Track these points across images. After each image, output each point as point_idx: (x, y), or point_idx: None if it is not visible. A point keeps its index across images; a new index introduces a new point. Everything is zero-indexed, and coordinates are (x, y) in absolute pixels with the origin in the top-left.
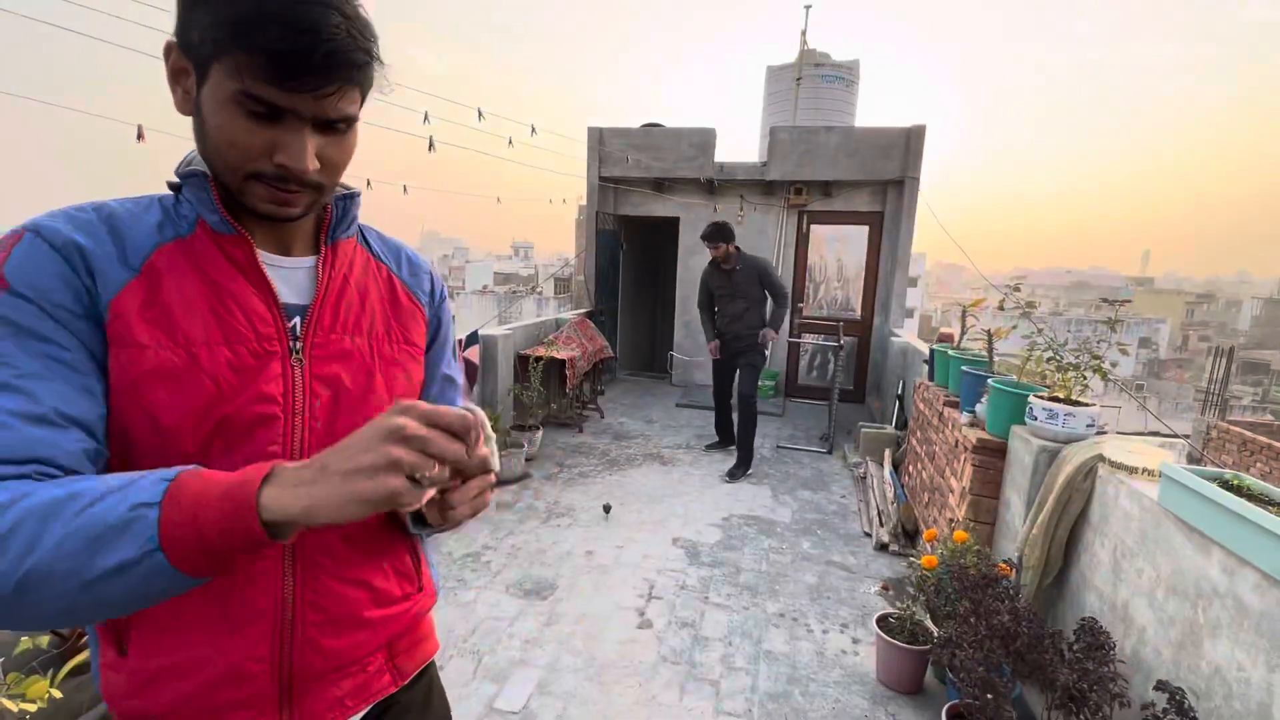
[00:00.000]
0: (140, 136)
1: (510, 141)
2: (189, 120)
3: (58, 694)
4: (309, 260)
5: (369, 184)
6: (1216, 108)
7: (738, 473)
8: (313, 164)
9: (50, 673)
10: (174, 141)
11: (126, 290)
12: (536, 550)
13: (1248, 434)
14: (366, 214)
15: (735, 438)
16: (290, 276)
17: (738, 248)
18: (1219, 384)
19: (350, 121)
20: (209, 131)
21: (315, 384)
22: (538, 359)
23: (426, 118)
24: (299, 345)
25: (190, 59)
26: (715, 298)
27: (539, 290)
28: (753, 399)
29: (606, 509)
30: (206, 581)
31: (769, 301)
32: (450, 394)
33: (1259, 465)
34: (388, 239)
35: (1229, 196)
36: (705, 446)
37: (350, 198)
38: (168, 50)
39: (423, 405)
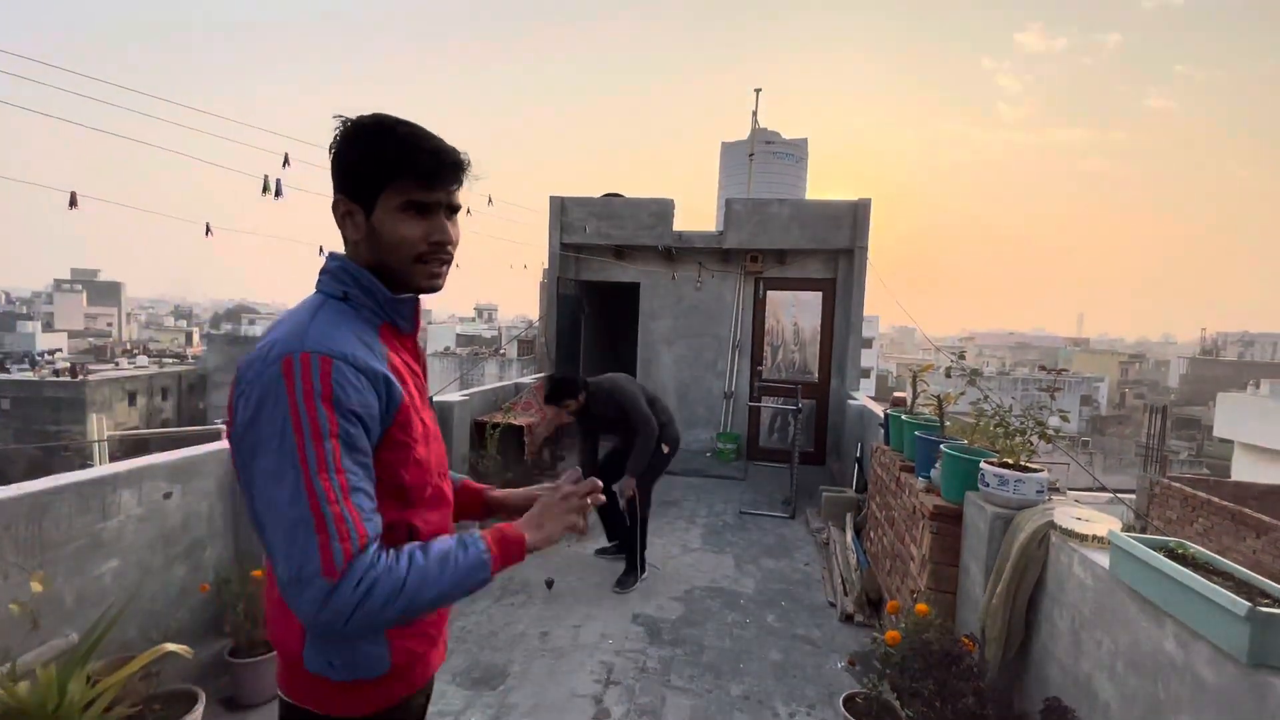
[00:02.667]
0: (73, 203)
1: (469, 210)
2: (135, 193)
3: None
4: (415, 343)
5: (321, 250)
6: (1127, 184)
7: (628, 581)
8: (453, 236)
9: None
10: (122, 210)
11: (404, 393)
12: (488, 633)
13: (1188, 490)
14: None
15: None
16: None
17: (585, 388)
18: (1156, 439)
19: (459, 209)
20: (384, 238)
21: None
22: (494, 425)
23: None
24: (430, 397)
25: (356, 202)
26: (598, 439)
27: (503, 352)
28: (642, 507)
29: (549, 584)
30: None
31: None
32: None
33: (1200, 521)
34: None
35: (1147, 266)
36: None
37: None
38: (336, 204)
39: (571, 489)
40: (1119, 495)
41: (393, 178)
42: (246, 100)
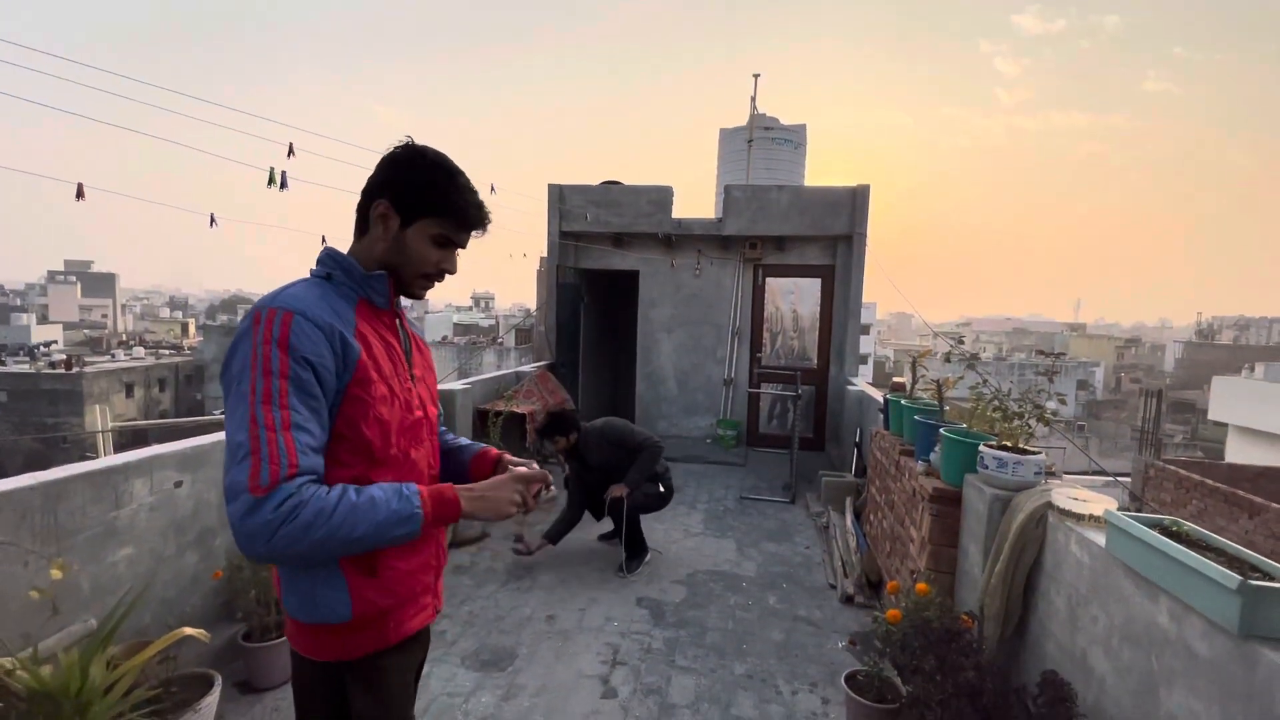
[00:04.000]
0: (80, 195)
1: None
2: (130, 182)
3: None
4: (394, 320)
5: (324, 240)
6: (1125, 168)
7: (632, 565)
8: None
9: None
10: (113, 198)
11: (362, 353)
12: (495, 617)
13: (1182, 472)
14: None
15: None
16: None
17: (578, 429)
18: (1152, 423)
19: (465, 247)
20: (408, 251)
21: (422, 395)
22: (497, 414)
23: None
24: (414, 373)
25: (398, 212)
26: (588, 487)
27: (500, 341)
28: (630, 510)
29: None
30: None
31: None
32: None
33: (1194, 502)
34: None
35: (1144, 251)
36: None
37: None
38: (376, 204)
39: (523, 472)
40: (1116, 478)
41: (438, 212)
42: (248, 94)
